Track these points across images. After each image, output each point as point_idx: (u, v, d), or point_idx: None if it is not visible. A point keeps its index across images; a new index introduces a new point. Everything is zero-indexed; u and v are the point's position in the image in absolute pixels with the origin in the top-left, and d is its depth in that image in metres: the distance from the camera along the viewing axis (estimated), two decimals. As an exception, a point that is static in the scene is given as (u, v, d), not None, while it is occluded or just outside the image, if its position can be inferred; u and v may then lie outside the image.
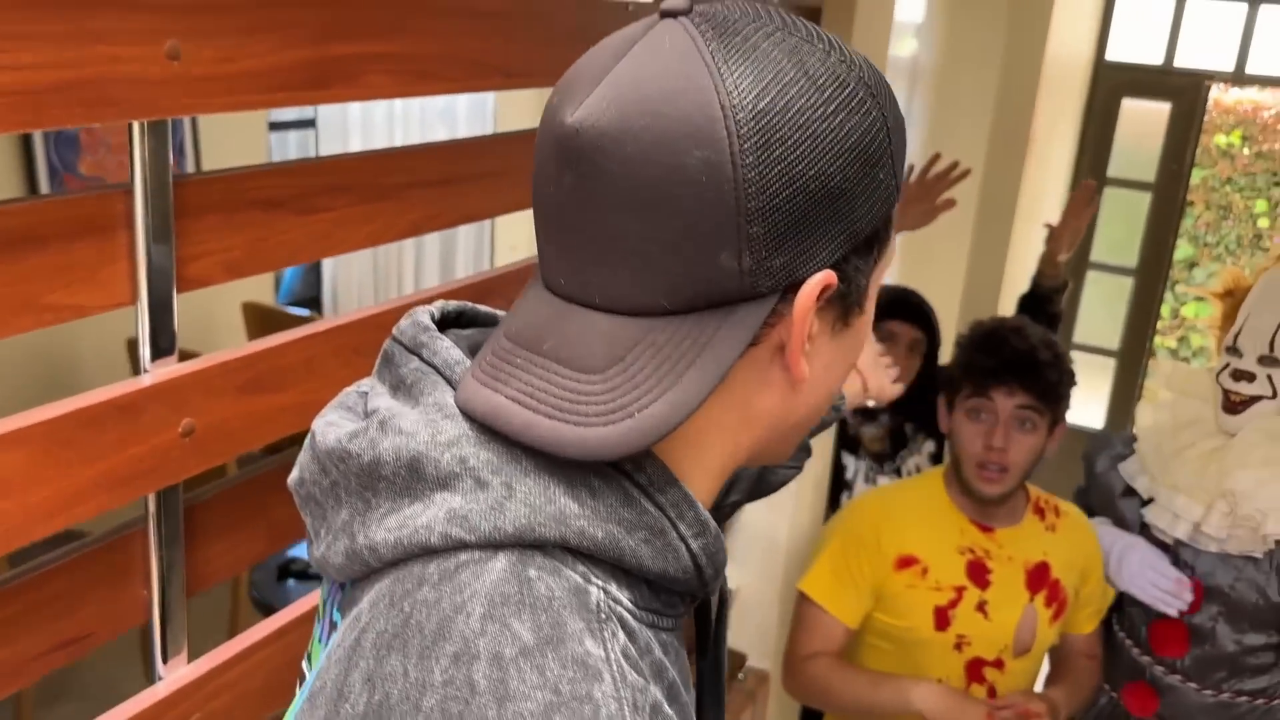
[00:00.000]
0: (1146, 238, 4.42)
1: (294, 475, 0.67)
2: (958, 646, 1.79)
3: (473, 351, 0.67)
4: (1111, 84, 4.31)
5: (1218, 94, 4.28)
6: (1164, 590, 1.87)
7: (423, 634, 0.54)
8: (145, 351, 0.89)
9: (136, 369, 0.89)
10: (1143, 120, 4.36)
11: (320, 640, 0.68)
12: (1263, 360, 1.81)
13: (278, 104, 0.90)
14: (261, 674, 1.03)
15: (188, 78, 0.82)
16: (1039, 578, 1.81)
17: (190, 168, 3.56)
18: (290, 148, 4.41)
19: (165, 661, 0.98)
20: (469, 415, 0.59)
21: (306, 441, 0.66)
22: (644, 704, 0.54)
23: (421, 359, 0.64)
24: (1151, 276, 4.45)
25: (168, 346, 0.90)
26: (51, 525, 0.82)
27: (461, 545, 0.57)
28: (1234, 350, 1.85)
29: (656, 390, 0.57)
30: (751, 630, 2.16)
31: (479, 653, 0.53)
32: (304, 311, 4.09)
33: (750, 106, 0.55)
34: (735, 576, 2.16)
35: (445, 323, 0.70)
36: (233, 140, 3.71)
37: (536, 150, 0.62)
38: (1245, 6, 4.08)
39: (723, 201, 0.55)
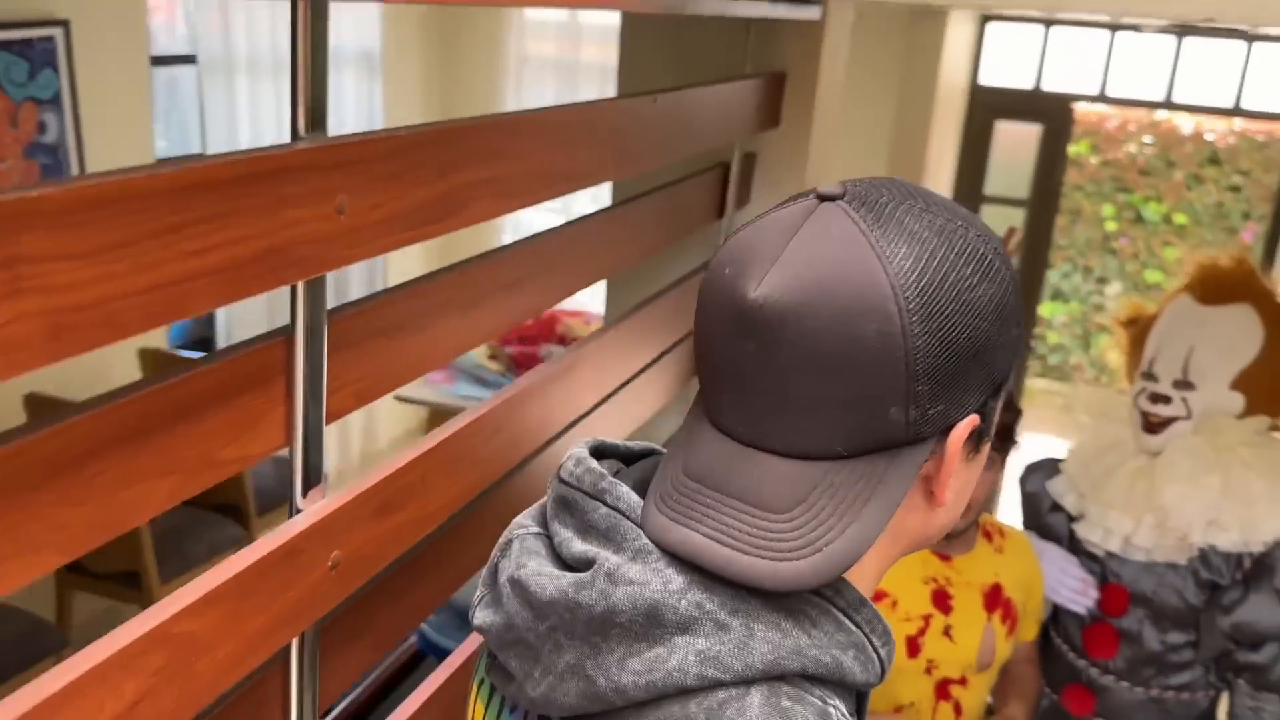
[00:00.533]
0: (1024, 252, 4.70)
1: (493, 619, 0.72)
2: (928, 670, 1.91)
3: (638, 487, 0.73)
4: (985, 107, 4.57)
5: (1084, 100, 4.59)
6: (1072, 590, 2.06)
7: None
8: (298, 488, 0.90)
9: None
10: (1015, 140, 4.65)
11: None
12: (1177, 384, 1.99)
13: (409, 241, 0.93)
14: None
15: (350, 229, 0.85)
16: (994, 598, 1.95)
17: (73, 155, 3.41)
18: (165, 91, 4.22)
19: (297, 785, 0.99)
20: (663, 549, 0.66)
21: (506, 589, 0.71)
22: None
23: (606, 504, 0.70)
24: (1031, 288, 4.74)
25: (317, 480, 0.91)
26: (231, 678, 0.83)
27: (718, 684, 0.63)
28: (1150, 376, 2.03)
29: (839, 527, 0.65)
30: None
31: None
32: (197, 354, 3.97)
33: (914, 284, 0.64)
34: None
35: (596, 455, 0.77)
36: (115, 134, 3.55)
37: (709, 312, 0.69)
38: (1107, 33, 4.39)
39: (895, 366, 0.64)
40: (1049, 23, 4.38)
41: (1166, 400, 2.00)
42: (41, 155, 3.34)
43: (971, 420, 0.69)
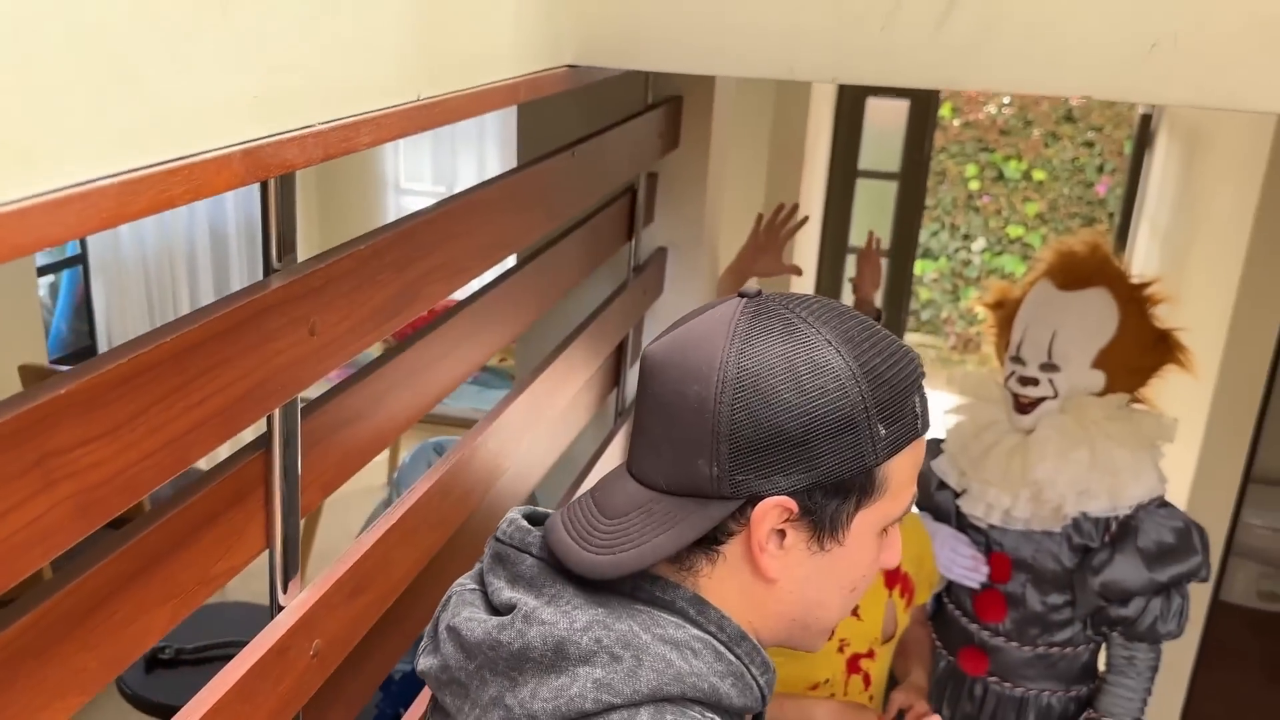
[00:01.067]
0: (896, 221, 4.90)
1: (431, 663, 0.83)
2: (840, 649, 2.05)
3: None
4: (856, 87, 4.72)
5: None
6: (964, 569, 2.24)
7: None
8: (278, 585, 0.95)
9: None
10: (884, 116, 4.81)
11: None
12: (1043, 367, 2.15)
13: (371, 342, 0.98)
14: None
15: (321, 346, 0.89)
16: (892, 576, 2.10)
17: None
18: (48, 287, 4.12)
19: None
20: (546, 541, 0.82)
21: (444, 636, 0.83)
22: None
23: (533, 555, 0.82)
24: (903, 255, 4.95)
25: (294, 574, 0.96)
26: (233, 775, 0.88)
27: (611, 707, 0.74)
28: (1018, 359, 2.19)
29: (636, 542, 0.78)
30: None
31: None
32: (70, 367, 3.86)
33: (736, 365, 0.77)
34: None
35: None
36: None
37: None
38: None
39: (704, 424, 0.77)
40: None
41: (1035, 382, 2.16)
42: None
43: (781, 502, 0.77)
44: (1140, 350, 2.16)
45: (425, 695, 1.26)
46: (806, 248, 4.44)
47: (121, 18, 0.55)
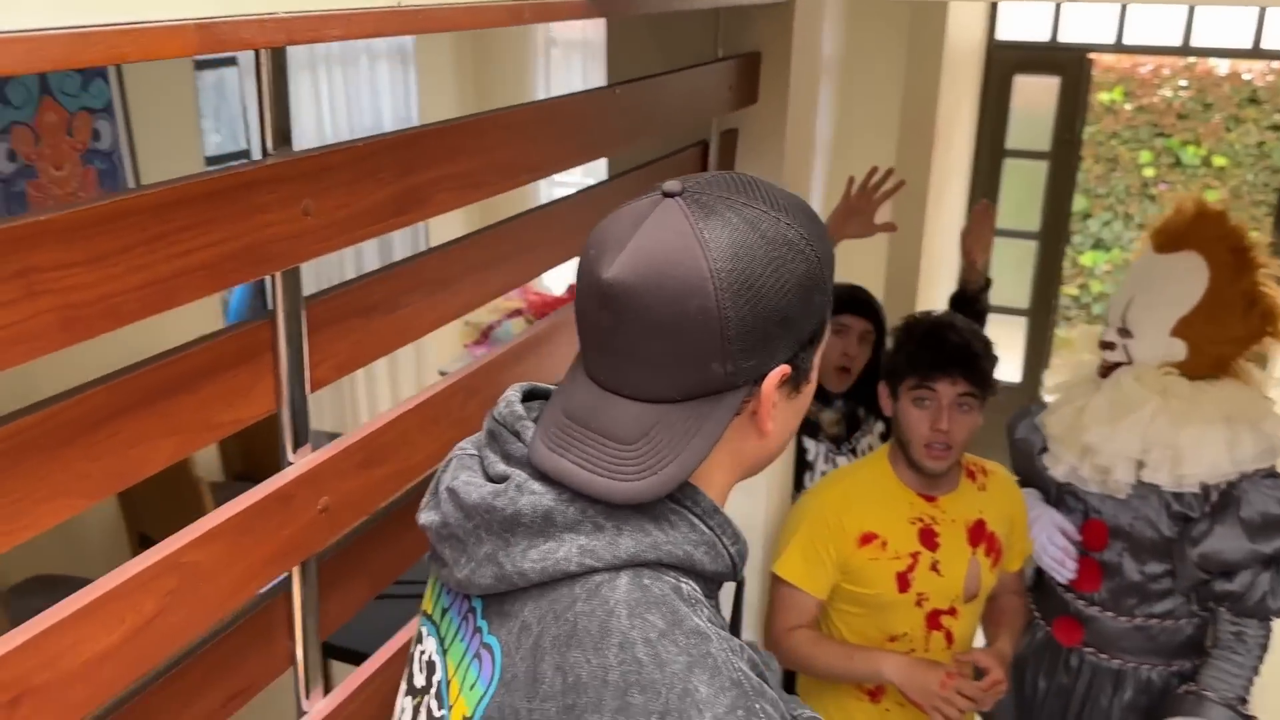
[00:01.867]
0: (1046, 202, 4.76)
1: (432, 518, 0.91)
2: (918, 603, 2.05)
3: None
4: (1003, 63, 4.62)
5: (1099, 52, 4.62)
6: (1053, 559, 2.20)
7: (591, 633, 0.80)
8: (288, 446, 1.08)
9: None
10: (1034, 94, 4.69)
11: (459, 636, 0.91)
12: (1120, 332, 2.11)
13: (373, 235, 1.09)
14: (376, 700, 1.23)
15: (316, 227, 1.01)
16: (978, 533, 2.09)
17: (127, 160, 3.65)
18: (213, 92, 4.48)
19: (308, 696, 1.17)
20: (542, 473, 0.84)
21: (444, 495, 0.90)
22: (735, 647, 0.82)
23: (521, 441, 0.89)
24: (1054, 238, 4.80)
25: (304, 439, 1.09)
26: (236, 601, 1.01)
27: (593, 570, 0.82)
28: (1105, 321, 2.16)
29: (670, 455, 0.83)
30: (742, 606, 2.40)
31: (635, 640, 0.79)
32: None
33: (727, 270, 0.81)
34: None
35: (526, 396, 0.96)
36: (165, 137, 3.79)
37: (580, 287, 0.88)
38: (1119, -17, 4.41)
39: (712, 332, 0.81)
40: (1064, -25, 4.41)
41: (1112, 346, 2.12)
42: (98, 161, 3.57)
43: (782, 370, 0.86)
44: (1229, 319, 2.05)
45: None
46: (949, 226, 4.38)
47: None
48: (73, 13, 0.70)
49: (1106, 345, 2.13)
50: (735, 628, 0.94)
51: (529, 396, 0.96)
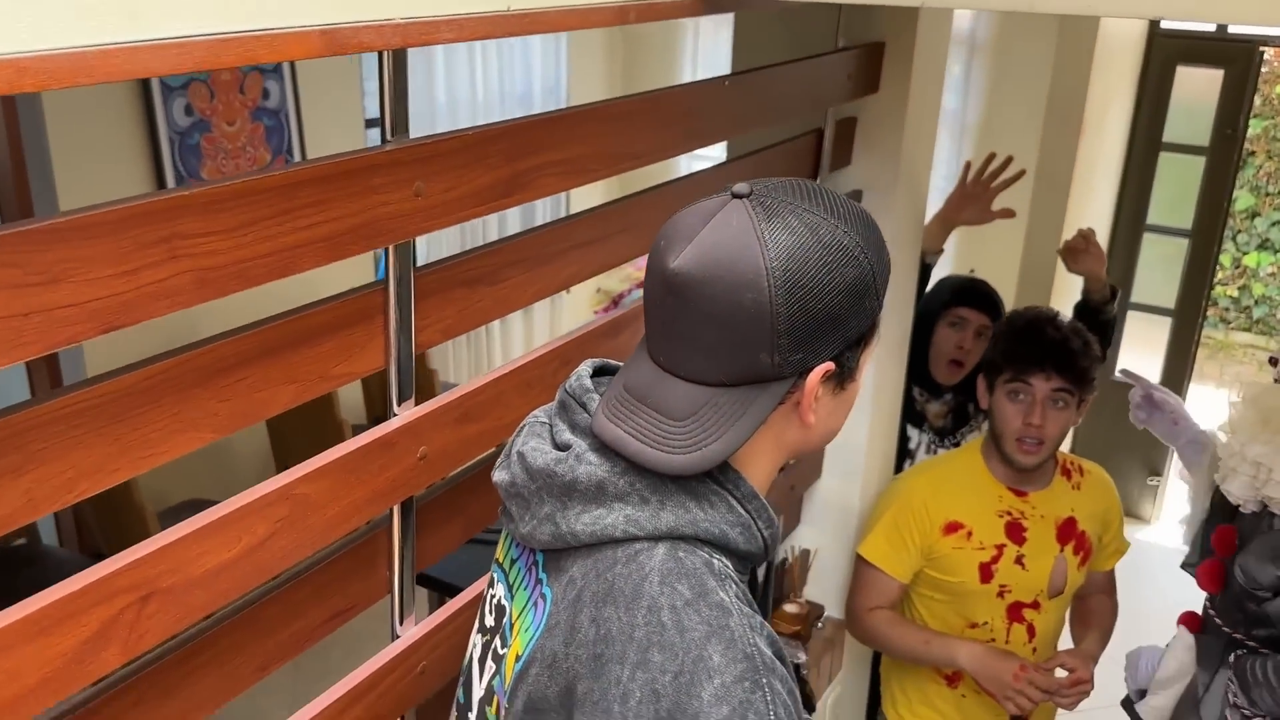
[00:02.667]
0: (1202, 199, 4.59)
1: (504, 477, 1.02)
2: (1000, 594, 2.09)
3: None
4: (1166, 53, 4.46)
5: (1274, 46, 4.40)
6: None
7: (625, 594, 0.89)
8: (394, 398, 1.21)
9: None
10: (1195, 85, 4.51)
11: (524, 584, 1.02)
12: None
13: (480, 214, 1.21)
14: (461, 632, 1.36)
15: (426, 207, 1.14)
16: (1067, 531, 2.10)
17: (293, 118, 3.92)
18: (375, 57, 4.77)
19: (401, 622, 1.31)
20: (600, 440, 0.94)
21: (514, 458, 1.01)
22: (755, 624, 0.90)
23: (587, 412, 0.99)
24: (1206, 237, 4.62)
25: (408, 394, 1.22)
26: (339, 531, 1.15)
27: (635, 538, 0.92)
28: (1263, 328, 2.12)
29: (717, 434, 0.91)
30: (829, 586, 2.47)
31: (662, 605, 0.88)
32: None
33: (782, 269, 0.88)
34: (813, 539, 2.47)
35: (596, 372, 1.05)
36: (335, 138, 4.04)
37: (650, 273, 0.96)
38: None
39: (763, 325, 0.89)
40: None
41: None
42: (265, 119, 3.84)
43: (826, 366, 0.93)
44: None
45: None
46: (1094, 219, 4.27)
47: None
48: (214, 21, 0.83)
49: None
50: (765, 605, 1.01)
51: (600, 372, 1.06)
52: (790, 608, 2.35)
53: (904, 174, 2.19)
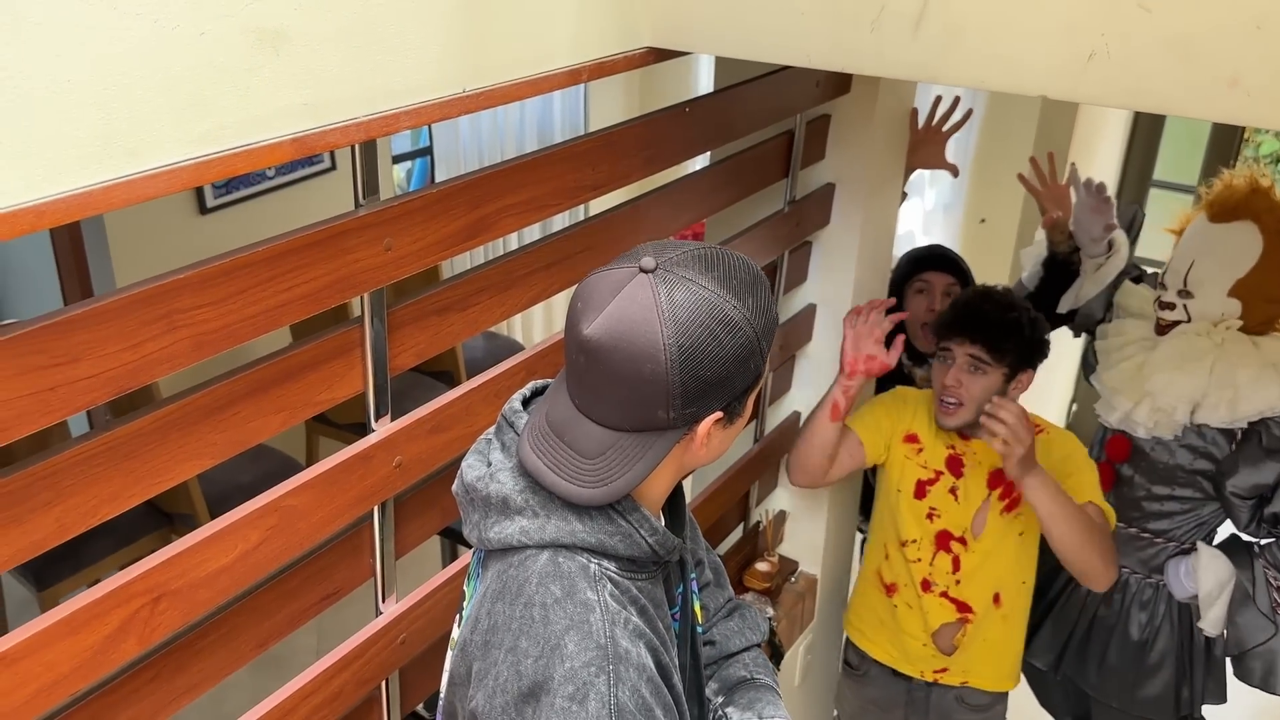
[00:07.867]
0: (1208, 155, 4.64)
1: (455, 487, 1.23)
2: (930, 516, 2.33)
3: None
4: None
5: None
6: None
7: (511, 591, 1.11)
8: (371, 415, 1.40)
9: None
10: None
11: (473, 580, 1.24)
12: (1180, 293, 2.36)
13: (446, 258, 1.39)
14: (440, 606, 1.58)
15: (396, 259, 1.31)
16: (998, 478, 2.29)
17: None
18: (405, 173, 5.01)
19: (383, 600, 1.52)
20: (523, 466, 1.13)
21: (460, 471, 1.21)
22: (619, 620, 1.08)
23: (516, 433, 1.18)
24: (1211, 194, 4.67)
25: (384, 412, 1.41)
26: (323, 534, 1.36)
27: (526, 546, 1.12)
28: (1162, 285, 2.41)
29: (621, 472, 1.11)
30: (802, 542, 2.67)
31: (535, 602, 1.08)
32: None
33: (677, 345, 1.05)
34: (788, 501, 2.66)
35: (537, 392, 1.25)
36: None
37: (567, 331, 1.13)
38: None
39: (659, 389, 1.07)
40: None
41: (1171, 306, 2.38)
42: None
43: (715, 416, 1.11)
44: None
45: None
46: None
47: (201, 65, 0.98)
48: (198, 146, 1.01)
49: (1166, 305, 2.38)
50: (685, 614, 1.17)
51: (538, 393, 1.25)
52: (761, 565, 2.55)
53: (875, 166, 2.33)
